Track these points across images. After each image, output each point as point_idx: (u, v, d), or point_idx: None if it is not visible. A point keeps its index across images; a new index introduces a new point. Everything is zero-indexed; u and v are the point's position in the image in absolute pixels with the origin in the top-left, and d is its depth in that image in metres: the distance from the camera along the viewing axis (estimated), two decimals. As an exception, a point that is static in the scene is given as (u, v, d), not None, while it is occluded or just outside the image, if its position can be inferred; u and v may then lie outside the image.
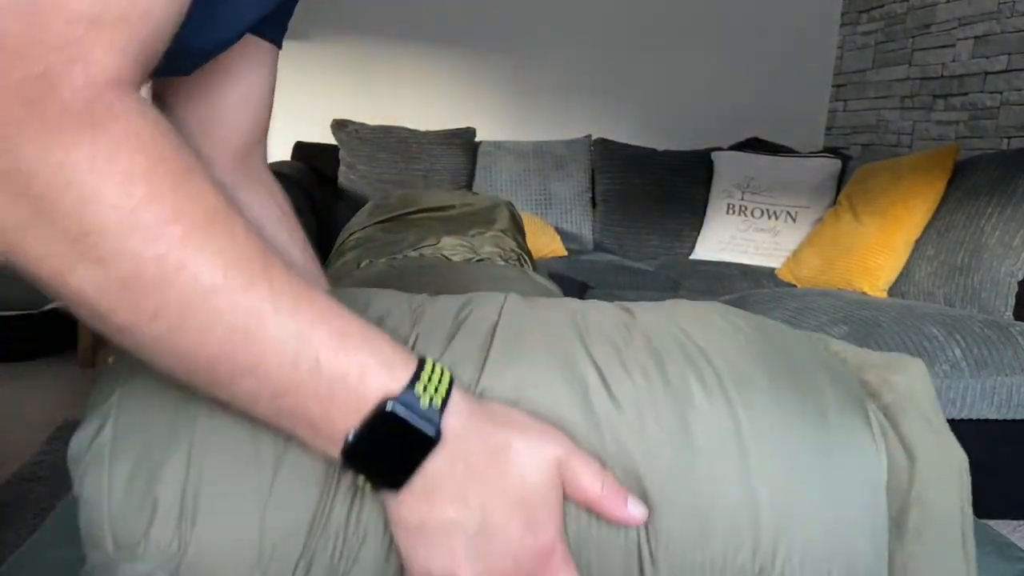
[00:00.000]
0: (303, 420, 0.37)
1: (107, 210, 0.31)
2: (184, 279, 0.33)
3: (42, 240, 0.32)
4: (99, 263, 0.32)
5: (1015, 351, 1.71)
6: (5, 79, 0.30)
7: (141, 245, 0.32)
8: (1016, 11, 2.48)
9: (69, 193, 0.31)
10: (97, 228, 0.31)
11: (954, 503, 0.48)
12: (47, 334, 2.66)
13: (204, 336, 0.34)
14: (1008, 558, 0.63)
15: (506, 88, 3.35)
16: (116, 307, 0.33)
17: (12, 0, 0.30)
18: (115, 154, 0.31)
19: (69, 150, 0.31)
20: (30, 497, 1.63)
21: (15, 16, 0.30)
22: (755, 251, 2.78)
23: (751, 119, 3.41)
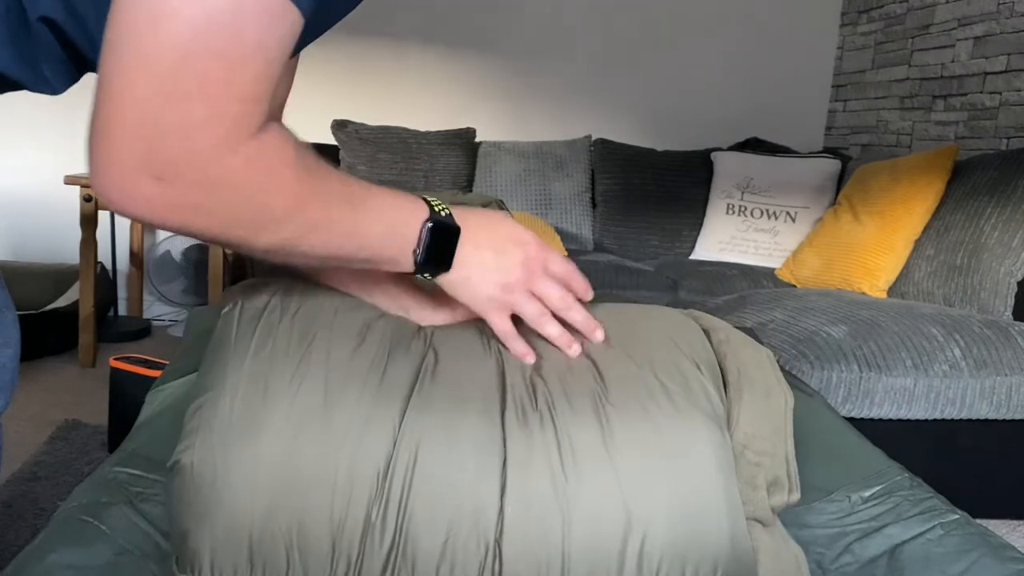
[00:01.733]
0: (391, 259, 0.62)
1: (277, 204, 0.53)
2: (323, 226, 0.56)
3: (241, 216, 0.52)
4: (274, 232, 0.54)
5: (1015, 351, 1.72)
6: (197, 145, 0.47)
7: (298, 219, 0.54)
8: (1016, 11, 2.49)
9: (256, 191, 0.51)
10: (273, 213, 0.53)
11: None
12: (47, 334, 2.66)
13: (335, 244, 0.58)
14: (1003, 559, 0.63)
15: (506, 88, 3.36)
16: (283, 249, 0.56)
17: (204, 91, 0.46)
18: (278, 169, 0.52)
19: (253, 165, 0.50)
20: (30, 497, 1.63)
21: (201, 104, 0.46)
22: (755, 251, 2.78)
23: (751, 119, 3.41)
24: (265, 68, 0.48)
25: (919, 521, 0.69)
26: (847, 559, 0.67)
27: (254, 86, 0.48)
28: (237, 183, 0.50)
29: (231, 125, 0.47)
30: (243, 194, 0.50)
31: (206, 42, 0.45)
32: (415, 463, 0.57)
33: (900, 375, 1.66)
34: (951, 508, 0.72)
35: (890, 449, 0.90)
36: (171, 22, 0.44)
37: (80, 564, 0.60)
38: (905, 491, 0.74)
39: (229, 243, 0.54)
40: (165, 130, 0.46)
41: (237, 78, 0.47)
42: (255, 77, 0.48)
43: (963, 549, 0.65)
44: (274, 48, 0.48)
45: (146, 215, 0.49)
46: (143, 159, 0.46)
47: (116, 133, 0.46)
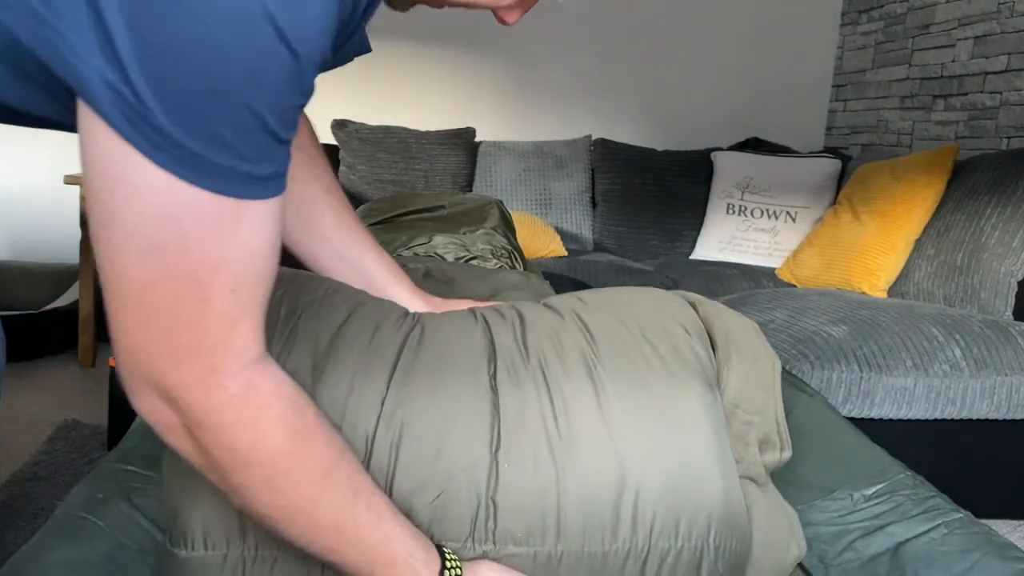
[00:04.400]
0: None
1: (257, 471, 0.49)
2: (302, 521, 0.51)
3: (218, 475, 0.49)
4: (247, 501, 0.50)
5: (1015, 351, 1.71)
6: (189, 375, 0.45)
7: (280, 480, 0.49)
8: (1016, 11, 2.48)
9: (239, 446, 0.48)
10: (251, 462, 0.48)
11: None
12: (47, 334, 2.66)
13: (313, 547, 0.53)
14: (1006, 558, 0.63)
15: (506, 88, 3.36)
16: (257, 503, 0.50)
17: (178, 319, 0.44)
18: (266, 434, 0.48)
19: (237, 419, 0.47)
20: (30, 497, 1.63)
21: (184, 329, 0.44)
22: (755, 251, 2.78)
23: (751, 119, 3.41)
24: (235, 280, 0.44)
25: (922, 520, 0.69)
26: (849, 556, 0.66)
27: (236, 295, 0.45)
28: (215, 429, 0.47)
29: (218, 352, 0.45)
30: (221, 444, 0.48)
31: (159, 267, 0.43)
32: (402, 426, 0.57)
33: (900, 375, 1.66)
34: (954, 507, 0.71)
35: (890, 449, 0.89)
36: (123, 258, 0.43)
37: (77, 560, 0.60)
38: (908, 490, 0.74)
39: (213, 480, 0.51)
40: (159, 358, 0.45)
41: (205, 298, 0.44)
42: (233, 286, 0.44)
43: (966, 548, 0.64)
44: (239, 257, 0.44)
45: (153, 424, 0.48)
46: (147, 382, 0.46)
47: (125, 350, 0.46)
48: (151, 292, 0.43)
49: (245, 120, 0.41)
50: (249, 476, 0.49)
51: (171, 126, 0.39)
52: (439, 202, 1.26)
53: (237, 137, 0.41)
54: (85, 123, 0.41)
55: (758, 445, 0.65)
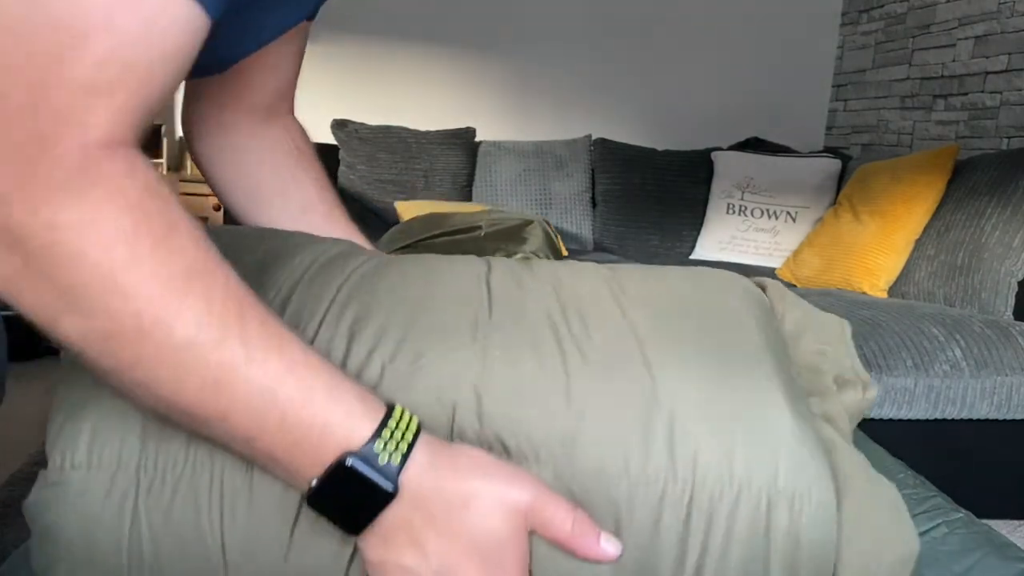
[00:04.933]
0: (272, 462, 0.40)
1: (90, 269, 0.34)
2: (160, 335, 0.36)
3: (34, 291, 0.35)
4: (83, 315, 0.35)
5: (1015, 351, 1.71)
6: (2, 140, 0.33)
7: (120, 302, 0.35)
8: (1016, 11, 2.48)
9: (56, 251, 0.34)
10: (81, 285, 0.35)
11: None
12: (47, 334, 2.66)
13: (179, 386, 0.37)
14: (1007, 558, 0.62)
15: (506, 88, 3.35)
16: (100, 354, 0.37)
17: (15, 65, 0.33)
18: (99, 217, 0.34)
19: (57, 211, 0.34)
20: (29, 497, 1.62)
21: (15, 80, 0.33)
22: (755, 251, 2.78)
23: (751, 119, 3.41)
24: (113, 52, 0.34)
25: (923, 519, 0.68)
26: (850, 558, 0.66)
27: (95, 71, 0.34)
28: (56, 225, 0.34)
29: (54, 119, 0.33)
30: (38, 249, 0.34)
31: (40, 6, 0.32)
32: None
33: (901, 375, 1.66)
34: (955, 507, 0.71)
35: (890, 449, 0.89)
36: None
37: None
38: (908, 490, 0.74)
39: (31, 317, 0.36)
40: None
41: (72, 55, 0.33)
42: (99, 60, 0.34)
43: (967, 548, 0.64)
44: (132, 23, 0.34)
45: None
46: None
47: None
48: (7, 30, 0.32)
49: None
50: (80, 270, 0.34)
51: None
52: (475, 222, 1.16)
53: None
54: None
55: (832, 379, 0.52)
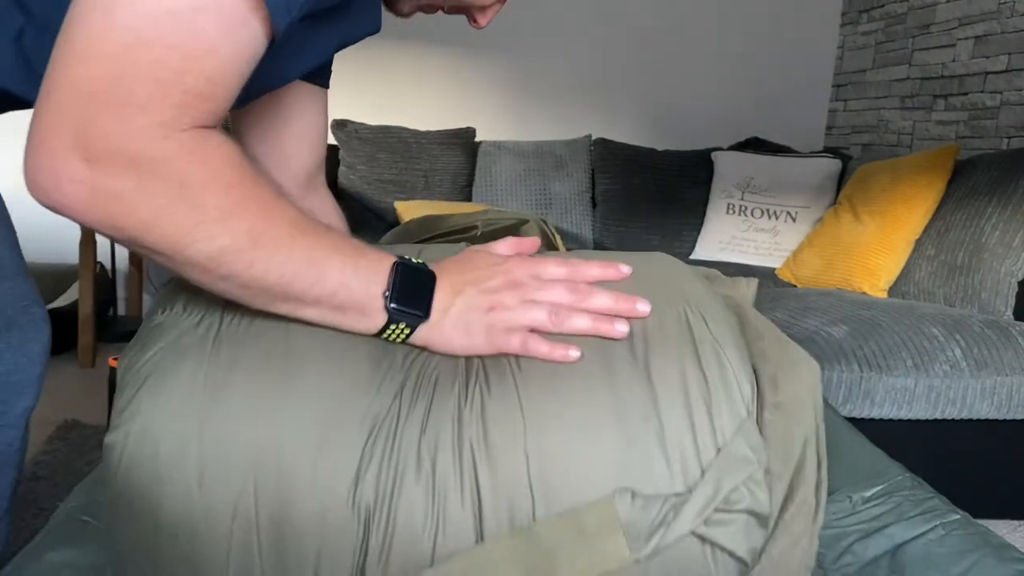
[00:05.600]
0: (354, 306, 0.55)
1: (211, 202, 0.48)
2: (267, 240, 0.50)
3: (171, 211, 0.47)
4: (210, 236, 0.48)
5: (1015, 351, 1.71)
6: (134, 123, 0.45)
7: (236, 225, 0.49)
8: (1016, 11, 2.48)
9: (187, 181, 0.47)
10: (206, 213, 0.47)
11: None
12: (48, 334, 2.66)
13: (284, 268, 0.51)
14: (1004, 559, 0.63)
15: (506, 88, 3.36)
16: (220, 264, 0.49)
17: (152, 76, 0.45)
18: (216, 163, 0.48)
19: (188, 154, 0.47)
20: (30, 497, 1.63)
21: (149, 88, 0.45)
22: (755, 251, 2.78)
23: (751, 119, 3.41)
24: (218, 71, 0.47)
25: (920, 521, 0.69)
26: (848, 559, 0.66)
27: (205, 84, 0.47)
28: (167, 170, 0.46)
29: (171, 111, 0.46)
30: (173, 183, 0.46)
31: (161, 31, 0.45)
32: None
33: (901, 375, 1.66)
34: (952, 508, 0.71)
35: (890, 449, 0.89)
36: (128, 8, 0.44)
37: (78, 562, 0.60)
38: (906, 491, 0.74)
39: (157, 248, 0.48)
40: (101, 105, 0.44)
41: (190, 70, 0.46)
42: (208, 75, 0.47)
43: (964, 549, 0.64)
44: (229, 54, 0.47)
45: (71, 204, 0.46)
46: (74, 134, 0.45)
47: (53, 109, 0.46)
48: (137, 49, 0.44)
49: None
50: (203, 209, 0.48)
51: None
52: (471, 222, 1.17)
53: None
54: None
55: None
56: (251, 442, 0.50)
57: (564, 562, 0.48)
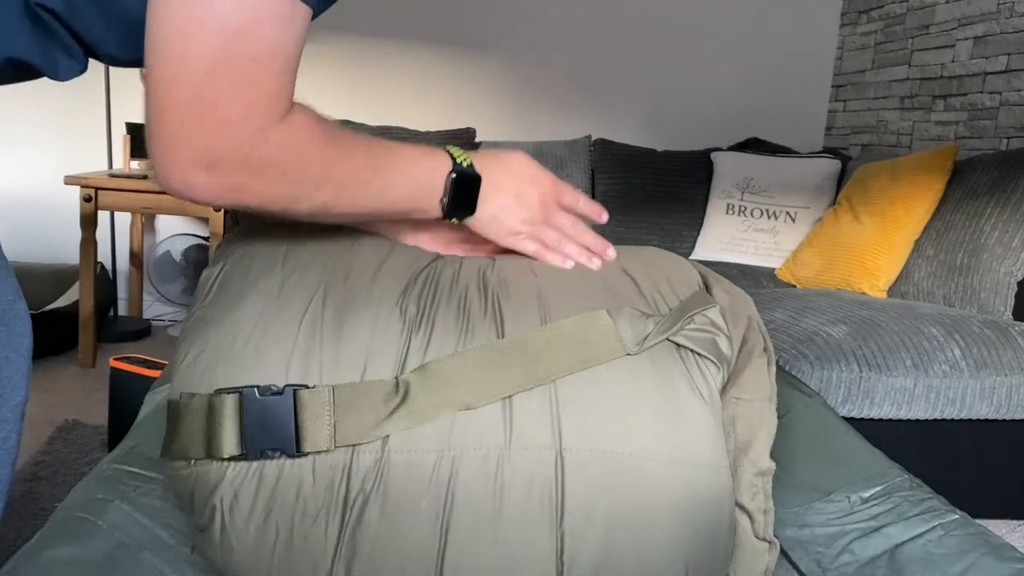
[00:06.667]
0: (424, 200, 0.68)
1: (310, 175, 0.60)
2: (351, 185, 0.63)
3: (281, 190, 0.59)
4: (312, 197, 0.61)
5: (1014, 351, 1.71)
6: (240, 135, 0.54)
7: (330, 184, 0.61)
8: (1016, 11, 2.48)
9: (290, 167, 0.58)
10: (308, 184, 0.60)
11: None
12: (47, 334, 2.66)
13: (368, 201, 0.65)
14: (1003, 559, 0.63)
15: (506, 88, 3.36)
16: (321, 213, 0.63)
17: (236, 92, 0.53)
18: (306, 146, 0.58)
19: (286, 147, 0.57)
20: (30, 497, 1.63)
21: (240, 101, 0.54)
22: (755, 251, 2.78)
23: (751, 119, 3.41)
24: (285, 64, 0.55)
25: (919, 521, 0.69)
26: (846, 559, 0.66)
27: (279, 80, 0.55)
28: (274, 164, 0.57)
29: (262, 117, 0.55)
30: (280, 171, 0.58)
31: (233, 49, 0.52)
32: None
33: (900, 375, 1.66)
34: (951, 508, 0.71)
35: (890, 449, 0.89)
36: (200, 35, 0.51)
37: (77, 559, 0.60)
38: (905, 491, 0.74)
39: (275, 212, 0.61)
40: (209, 128, 0.53)
41: (264, 76, 0.54)
42: (279, 72, 0.55)
43: (963, 549, 0.64)
44: (290, 47, 0.56)
45: (204, 198, 0.57)
46: (194, 155, 0.54)
47: (168, 135, 0.54)
48: (219, 68, 0.52)
49: None
50: (302, 183, 0.60)
51: None
52: None
53: None
54: None
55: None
56: (323, 268, 0.67)
57: (566, 354, 0.62)
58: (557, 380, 0.60)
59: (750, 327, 0.72)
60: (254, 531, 0.58)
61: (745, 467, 0.65)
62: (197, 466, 0.59)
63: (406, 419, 0.59)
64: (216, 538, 0.59)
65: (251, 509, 0.58)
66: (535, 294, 0.66)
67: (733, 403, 0.67)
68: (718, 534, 0.60)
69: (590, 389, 0.60)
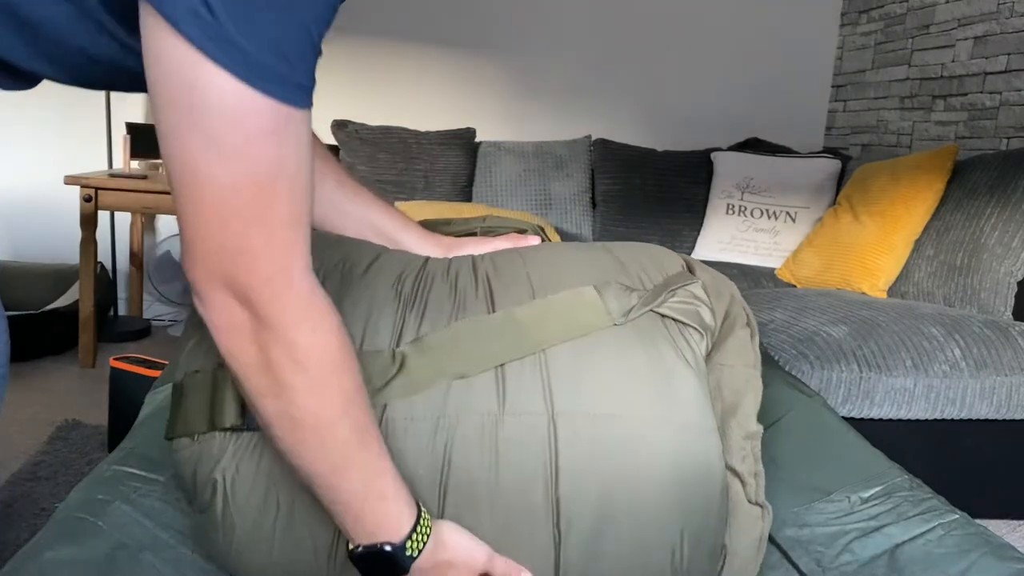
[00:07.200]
0: (342, 524, 0.58)
1: (313, 364, 0.52)
2: (326, 433, 0.54)
3: (257, 381, 0.52)
4: (282, 412, 0.53)
5: (1014, 351, 1.71)
6: (263, 273, 0.50)
7: (321, 386, 0.53)
8: (1016, 11, 2.48)
9: (299, 344, 0.52)
10: (306, 364, 0.52)
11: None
12: (47, 334, 2.66)
13: (317, 458, 0.55)
14: (1004, 559, 0.63)
15: (506, 88, 3.36)
16: (296, 406, 0.53)
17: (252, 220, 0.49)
18: (322, 330, 0.53)
19: (302, 318, 0.52)
20: (30, 497, 1.63)
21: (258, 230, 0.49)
22: (755, 251, 2.78)
23: (751, 119, 3.41)
24: (291, 183, 0.50)
25: (919, 521, 0.69)
26: (847, 558, 0.66)
27: (292, 203, 0.50)
28: (288, 320, 0.51)
29: (285, 251, 0.51)
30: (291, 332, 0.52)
31: (232, 172, 0.48)
32: None
33: (900, 375, 1.66)
34: (951, 508, 0.72)
35: (890, 449, 0.90)
36: (198, 163, 0.47)
37: (77, 560, 0.60)
38: (905, 492, 0.74)
39: (241, 388, 0.54)
40: (234, 257, 0.50)
41: (275, 198, 0.49)
42: (290, 192, 0.50)
43: (963, 549, 0.64)
44: (291, 160, 0.50)
45: (211, 321, 0.52)
46: (223, 281, 0.51)
47: (198, 260, 0.51)
48: (227, 196, 0.48)
49: (299, 33, 0.48)
50: (299, 377, 0.52)
51: (240, 37, 0.45)
52: (471, 228, 1.25)
53: (292, 49, 0.48)
54: (158, 39, 0.46)
55: None
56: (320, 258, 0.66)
57: (555, 325, 0.63)
58: (547, 349, 0.62)
59: (732, 303, 0.75)
60: (255, 506, 0.59)
61: (733, 429, 0.66)
62: (200, 442, 0.60)
63: (403, 388, 0.60)
64: (218, 516, 0.59)
65: (252, 483, 0.59)
66: (524, 274, 0.68)
67: (718, 368, 0.69)
68: (711, 498, 0.61)
69: (580, 359, 0.62)
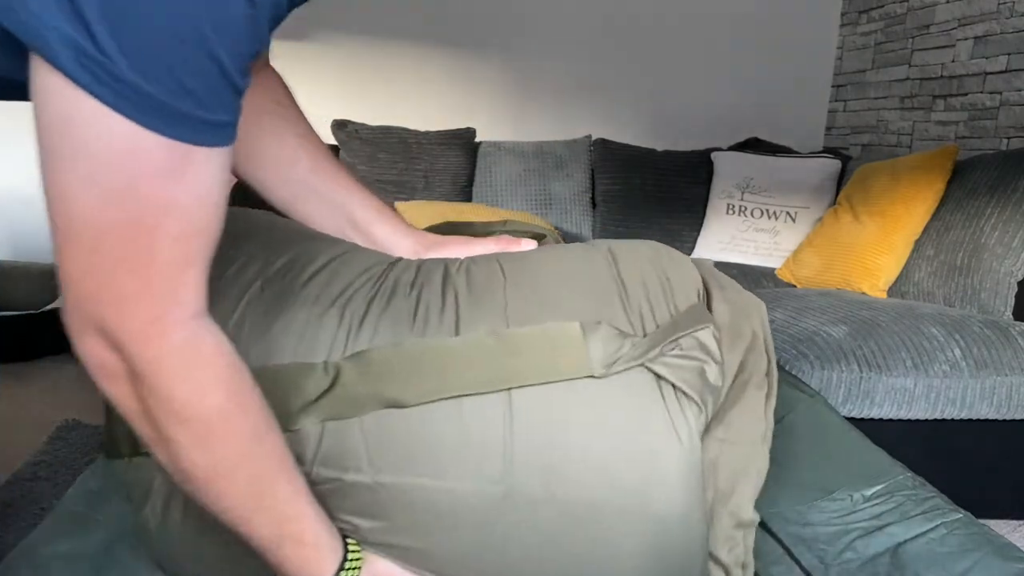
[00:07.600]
0: (265, 560, 0.55)
1: (196, 416, 0.49)
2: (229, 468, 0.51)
3: (142, 430, 0.50)
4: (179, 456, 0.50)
5: (1015, 351, 1.71)
6: (134, 322, 0.46)
7: (210, 438, 0.49)
8: (1016, 11, 2.48)
9: (176, 398, 0.48)
10: (186, 418, 0.48)
11: None
12: (47, 334, 2.66)
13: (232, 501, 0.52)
14: (1006, 559, 0.63)
15: (506, 88, 3.35)
16: (182, 459, 0.50)
17: (127, 265, 0.44)
18: (203, 382, 0.49)
19: (177, 371, 0.48)
20: (30, 497, 1.63)
21: (132, 276, 0.45)
22: (755, 251, 2.78)
23: (751, 119, 3.41)
24: (184, 224, 0.45)
25: (922, 520, 0.69)
26: (849, 556, 0.66)
27: (181, 244, 0.45)
28: (155, 377, 0.48)
29: (162, 299, 0.46)
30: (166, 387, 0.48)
31: (113, 213, 0.43)
32: None
33: (900, 375, 1.66)
34: (954, 508, 0.71)
35: (890, 449, 0.89)
36: (75, 200, 0.43)
37: (73, 553, 0.60)
38: (908, 490, 0.74)
39: (139, 434, 0.51)
40: (105, 303, 0.46)
41: (158, 240, 0.44)
42: (179, 233, 0.45)
43: (966, 548, 0.64)
44: (187, 199, 0.45)
45: (86, 363, 0.50)
46: (95, 326, 0.48)
47: (71, 302, 0.47)
48: (103, 237, 0.44)
49: (206, 67, 0.42)
50: (181, 430, 0.49)
51: (134, 75, 0.40)
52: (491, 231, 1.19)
53: (198, 84, 0.42)
54: (40, 77, 0.42)
55: None
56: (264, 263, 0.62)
57: (527, 363, 0.54)
58: (513, 391, 0.53)
59: (752, 346, 0.62)
60: (193, 526, 0.58)
61: (723, 518, 0.58)
62: (134, 464, 0.58)
63: (331, 406, 0.54)
64: (153, 532, 0.59)
65: (185, 506, 0.58)
66: (501, 296, 0.59)
67: (716, 444, 0.59)
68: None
69: (551, 409, 0.53)
